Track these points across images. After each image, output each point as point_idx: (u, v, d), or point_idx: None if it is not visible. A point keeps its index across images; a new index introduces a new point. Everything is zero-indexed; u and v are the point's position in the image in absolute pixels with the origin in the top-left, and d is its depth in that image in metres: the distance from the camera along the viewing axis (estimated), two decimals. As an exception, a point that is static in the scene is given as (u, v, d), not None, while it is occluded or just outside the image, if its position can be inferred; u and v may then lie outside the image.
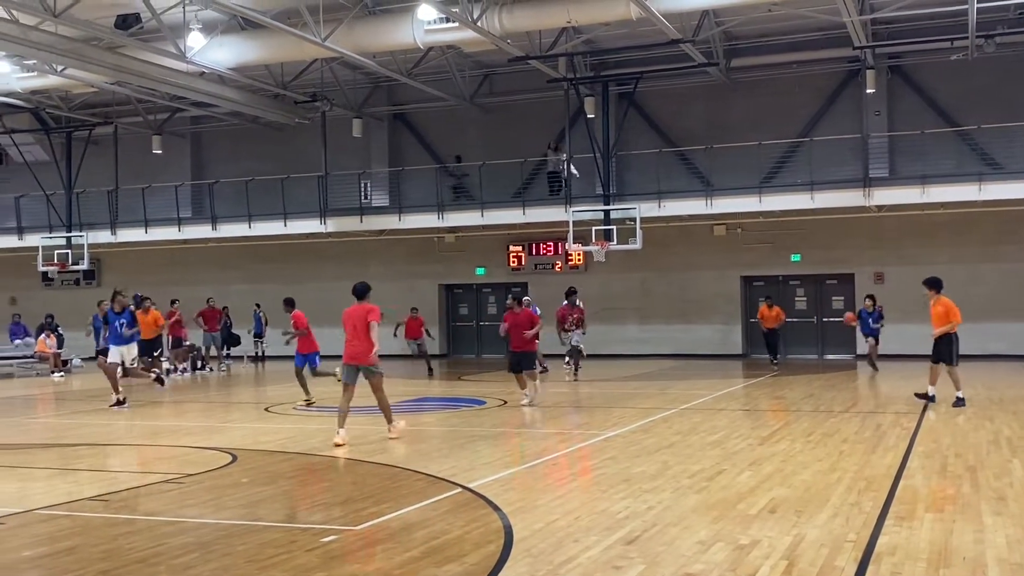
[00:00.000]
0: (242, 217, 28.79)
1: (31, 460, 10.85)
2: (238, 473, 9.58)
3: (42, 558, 6.44)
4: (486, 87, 28.37)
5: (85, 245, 29.24)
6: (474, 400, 16.03)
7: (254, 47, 22.52)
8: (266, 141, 30.60)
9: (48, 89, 26.38)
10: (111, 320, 16.15)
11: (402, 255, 29.56)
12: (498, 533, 6.63)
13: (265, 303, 28.36)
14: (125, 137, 30.60)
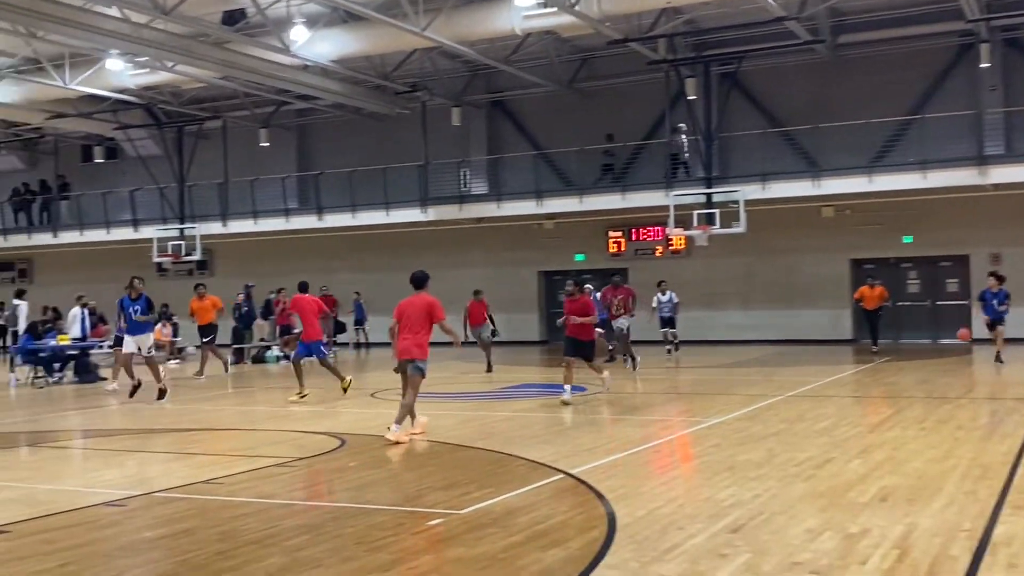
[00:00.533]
0: (346, 207, 29.36)
1: (150, 444, 11.28)
2: (346, 457, 9.79)
3: (162, 538, 6.69)
4: (584, 71, 28.23)
5: (197, 236, 30.19)
6: (575, 387, 16.00)
7: (356, 39, 22.87)
8: (368, 132, 31.06)
9: (159, 85, 27.28)
10: (126, 307, 15.64)
11: (501, 242, 29.69)
12: (601, 519, 6.63)
13: (367, 291, 28.91)
14: (233, 131, 31.47)
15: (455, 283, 29.02)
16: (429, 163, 28.77)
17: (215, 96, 29.88)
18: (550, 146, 28.84)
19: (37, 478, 9.14)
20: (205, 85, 27.47)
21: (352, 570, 5.61)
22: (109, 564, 6.01)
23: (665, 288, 22.93)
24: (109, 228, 32.68)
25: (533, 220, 28.84)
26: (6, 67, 25.69)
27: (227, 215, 31.01)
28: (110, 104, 29.09)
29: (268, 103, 29.93)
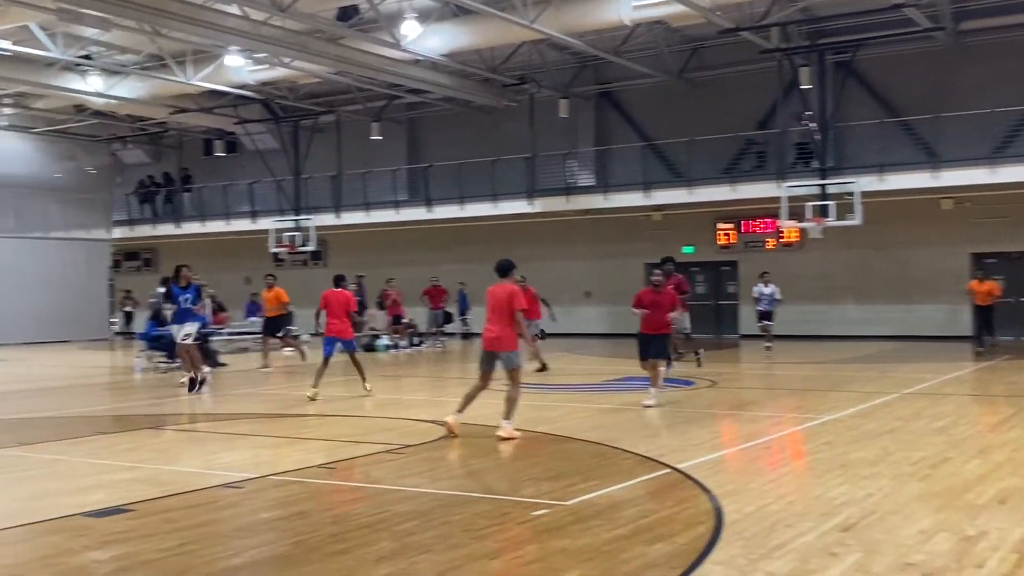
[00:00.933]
0: (454, 199, 29.70)
1: (265, 429, 11.64)
2: (454, 445, 9.94)
3: (277, 520, 6.92)
4: (695, 61, 27.88)
5: (312, 227, 30.97)
6: (682, 380, 15.88)
7: (465, 32, 23.08)
8: (476, 124, 31.31)
9: (277, 81, 28.04)
10: (175, 296, 15.39)
11: (608, 234, 29.58)
12: (708, 515, 6.58)
13: (473, 283, 29.16)
14: (346, 124, 32.14)
15: (561, 275, 29.15)
16: (536, 155, 28.86)
17: (329, 91, 30.55)
18: (658, 137, 28.59)
19: (160, 459, 9.55)
20: (320, 80, 28.11)
21: (459, 557, 5.71)
22: (227, 544, 6.25)
23: (768, 280, 21.96)
24: (229, 219, 33.81)
25: (640, 212, 28.65)
26: (133, 64, 26.78)
27: (340, 207, 31.73)
28: (230, 99, 30.03)
29: (380, 97, 30.44)
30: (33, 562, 5.89)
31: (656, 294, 12.74)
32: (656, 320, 12.67)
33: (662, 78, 27.42)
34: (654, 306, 12.68)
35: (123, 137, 36.63)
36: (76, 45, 24.58)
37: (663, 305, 12.73)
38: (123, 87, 27.66)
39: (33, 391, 15.87)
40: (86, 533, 6.51)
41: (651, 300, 12.70)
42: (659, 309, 12.68)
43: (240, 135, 34.04)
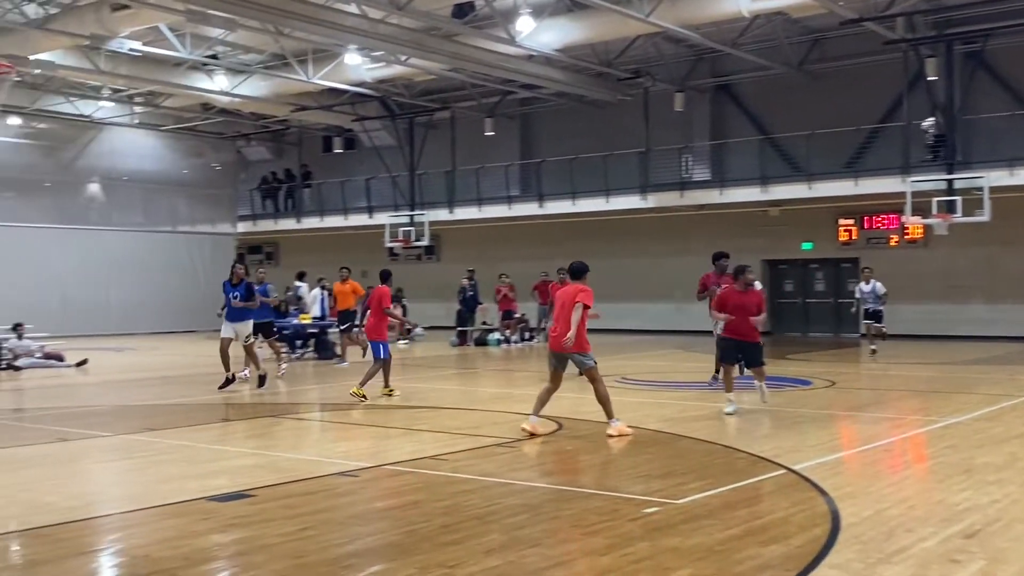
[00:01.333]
0: (566, 194, 29.68)
1: (381, 420, 11.87)
2: (564, 441, 9.95)
3: (391, 509, 7.06)
4: (815, 53, 27.18)
5: (426, 223, 31.42)
6: (799, 380, 15.54)
7: (580, 27, 23.03)
8: (589, 119, 31.21)
9: (393, 78, 28.51)
10: (226, 292, 14.94)
11: (724, 230, 29.06)
12: (824, 517, 6.43)
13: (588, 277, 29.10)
14: (460, 120, 32.47)
15: (676, 271, 28.79)
16: (650, 149, 28.61)
17: (444, 87, 30.91)
18: (777, 130, 27.98)
19: (280, 447, 9.83)
20: (435, 77, 28.47)
21: (568, 552, 5.72)
22: (344, 531, 6.40)
23: (869, 276, 20.56)
24: (347, 214, 34.54)
25: (758, 207, 28.10)
26: (256, 63, 27.62)
27: (453, 202, 32.08)
28: (348, 97, 30.69)
29: (493, 93, 30.64)
30: (159, 543, 6.14)
31: (742, 295, 11.41)
32: (743, 326, 11.36)
33: (781, 70, 26.83)
34: (739, 310, 11.31)
35: (247, 134, 37.85)
36: (203, 45, 25.50)
37: (749, 308, 11.34)
38: (247, 86, 28.55)
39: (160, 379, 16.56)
40: (209, 517, 6.75)
41: (736, 302, 11.38)
42: (744, 313, 11.30)
43: (358, 132, 34.74)
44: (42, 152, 32.79)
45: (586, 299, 9.80)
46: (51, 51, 23.66)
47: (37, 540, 6.33)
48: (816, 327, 28.45)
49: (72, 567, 5.73)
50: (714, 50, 26.15)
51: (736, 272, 11.72)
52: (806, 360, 20.02)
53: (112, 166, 34.35)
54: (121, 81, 27.81)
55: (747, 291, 11.45)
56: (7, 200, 31.55)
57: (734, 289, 11.58)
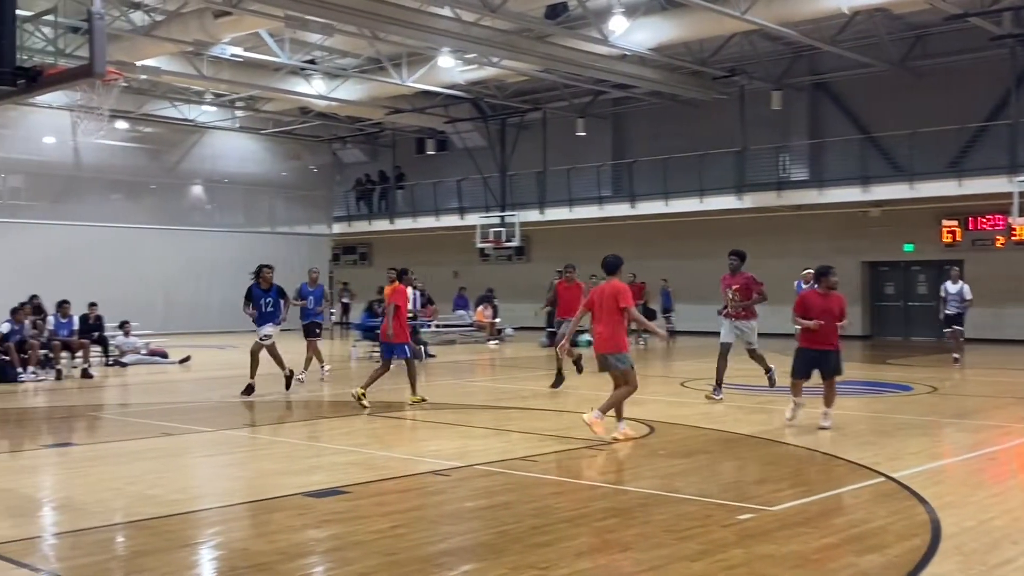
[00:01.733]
0: (659, 195, 29.43)
1: (471, 419, 11.95)
2: (656, 444, 9.87)
3: (482, 509, 7.10)
4: (918, 49, 26.41)
5: (516, 223, 31.53)
6: (900, 385, 15.12)
7: (674, 25, 22.81)
8: (683, 118, 30.91)
9: (486, 80, 28.68)
10: (255, 297, 14.28)
11: (822, 231, 28.49)
12: (924, 527, 6.25)
13: (680, 280, 28.85)
14: (552, 121, 32.48)
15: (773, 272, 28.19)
16: (746, 149, 28.19)
17: (536, 88, 30.97)
18: (877, 129, 27.29)
19: (374, 445, 9.98)
20: (527, 78, 28.54)
21: (660, 557, 5.67)
22: (435, 529, 6.46)
23: (957, 276, 18.80)
24: (438, 215, 34.89)
25: (858, 207, 27.44)
26: (352, 67, 28.10)
27: (544, 203, 32.10)
28: (441, 99, 30.98)
29: (585, 93, 30.58)
30: (257, 537, 6.30)
31: (824, 298, 10.35)
32: (828, 332, 10.31)
33: (882, 67, 26.15)
34: (825, 314, 10.28)
35: (343, 137, 38.56)
36: (301, 50, 26.06)
37: (833, 312, 10.33)
38: (343, 90, 29.07)
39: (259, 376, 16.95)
40: (306, 512, 6.90)
41: (820, 307, 10.31)
42: (830, 317, 10.31)
43: (450, 133, 35.06)
44: (148, 155, 33.92)
45: (627, 300, 9.59)
46: (156, 57, 24.47)
47: (142, 531, 6.55)
48: (918, 331, 27.64)
49: (175, 559, 5.91)
50: (812, 47, 25.64)
51: (819, 274, 10.64)
52: (907, 365, 19.48)
53: (214, 168, 35.35)
54: (223, 86, 28.60)
55: (829, 295, 10.37)
56: (115, 202, 32.73)
57: (816, 292, 10.48)
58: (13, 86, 9.49)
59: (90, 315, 19.54)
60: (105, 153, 31.74)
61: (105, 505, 7.28)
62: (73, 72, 9.53)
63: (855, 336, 27.76)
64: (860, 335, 27.90)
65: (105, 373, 18.83)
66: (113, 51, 22.76)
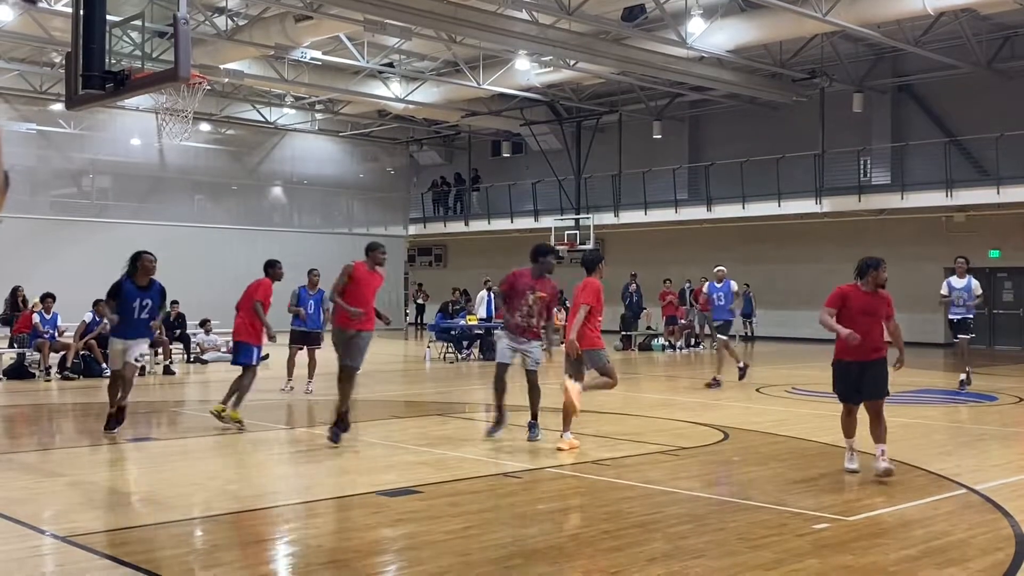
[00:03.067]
0: (736, 198, 29.08)
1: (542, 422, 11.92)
2: (730, 451, 9.76)
3: (553, 512, 7.10)
4: (1007, 51, 25.66)
5: (591, 226, 31.41)
6: (984, 395, 14.70)
7: (753, 27, 22.52)
8: (761, 121, 30.51)
9: (561, 83, 28.67)
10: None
11: (904, 236, 27.83)
12: (1008, 540, 6.07)
13: (757, 284, 28.47)
14: (628, 124, 32.32)
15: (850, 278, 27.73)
16: (826, 152, 27.69)
17: (612, 91, 30.86)
18: (963, 132, 26.59)
19: (446, 445, 10.04)
20: (603, 81, 28.45)
21: (733, 565, 5.60)
22: (507, 531, 6.48)
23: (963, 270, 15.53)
24: (513, 218, 34.96)
25: (942, 212, 26.76)
26: (429, 71, 28.34)
27: (619, 206, 31.96)
28: (517, 102, 31.06)
29: (662, 96, 30.37)
30: (332, 534, 6.39)
31: (871, 296, 8.31)
32: (873, 337, 8.22)
33: (968, 69, 25.46)
34: (866, 316, 8.23)
35: (419, 139, 38.90)
36: (379, 54, 26.36)
37: (879, 314, 8.34)
38: (420, 92, 29.32)
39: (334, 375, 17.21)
40: (380, 511, 6.97)
41: (861, 306, 8.26)
42: (872, 321, 8.27)
43: (525, 136, 35.11)
44: (229, 157, 34.64)
45: (587, 299, 9.49)
46: (239, 61, 24.99)
47: (220, 526, 6.70)
48: (1003, 339, 26.87)
49: (251, 553, 6.03)
50: (895, 49, 25.09)
51: (866, 267, 8.42)
52: (992, 374, 18.94)
53: (293, 170, 35.95)
54: (303, 89, 29.07)
55: (878, 293, 8.34)
56: (198, 202, 33.50)
57: (858, 289, 8.36)
58: (102, 90, 9.78)
59: (172, 313, 20.03)
60: (188, 155, 32.52)
61: (185, 499, 7.46)
62: (159, 76, 9.78)
63: (936, 343, 27.11)
64: (942, 343, 27.21)
65: (186, 370, 19.28)
66: (197, 55, 23.32)
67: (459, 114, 32.14)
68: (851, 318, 8.16)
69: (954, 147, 26.27)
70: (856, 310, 8.23)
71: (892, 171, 27.69)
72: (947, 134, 26.99)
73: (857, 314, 8.20)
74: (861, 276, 8.43)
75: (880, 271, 8.40)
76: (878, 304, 8.33)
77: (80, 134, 30.94)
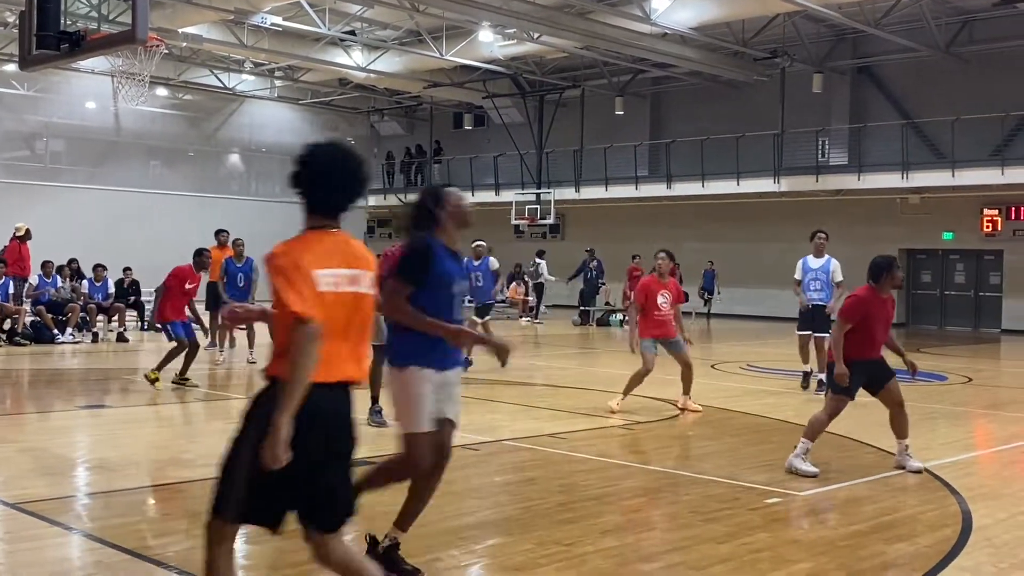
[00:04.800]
0: (696, 176, 29.21)
1: (499, 395, 11.97)
2: (684, 426, 9.85)
3: (509, 484, 7.13)
4: (965, 35, 25.94)
5: (552, 201, 31.41)
6: (934, 375, 14.97)
7: (717, 5, 22.56)
8: (722, 100, 30.61)
9: (525, 55, 28.56)
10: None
11: (860, 217, 28.14)
12: (955, 518, 6.20)
13: (716, 261, 28.68)
14: (590, 99, 32.29)
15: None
16: (785, 132, 27.88)
17: (575, 65, 30.78)
18: (920, 115, 26.90)
19: (403, 417, 10.01)
20: (567, 55, 28.37)
21: (686, 538, 5.67)
22: (463, 503, 6.49)
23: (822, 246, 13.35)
24: (474, 191, 34.82)
25: (897, 194, 27.10)
26: (392, 39, 28.07)
27: (580, 181, 31.97)
28: (480, 74, 30.88)
29: (625, 72, 30.36)
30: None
31: (889, 301, 7.55)
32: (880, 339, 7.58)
33: (927, 52, 25.71)
34: (884, 324, 7.55)
35: (380, 109, 38.57)
36: (341, 21, 26.04)
37: (890, 318, 7.64)
38: (382, 62, 29.05)
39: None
40: (334, 481, 6.94)
41: (882, 314, 7.49)
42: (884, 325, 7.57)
43: (488, 109, 34.95)
44: (186, 122, 34.14)
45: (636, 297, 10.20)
46: (198, 25, 24.56)
47: (175, 494, 6.65)
48: (954, 320, 27.35)
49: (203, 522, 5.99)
50: (856, 30, 25.28)
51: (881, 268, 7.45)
52: (942, 354, 19.28)
53: (251, 138, 35.52)
54: (262, 55, 28.67)
55: (888, 297, 7.54)
56: (154, 168, 33.01)
57: (876, 295, 7.41)
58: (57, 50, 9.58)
59: (125, 279, 19.76)
60: (145, 119, 32.00)
61: (138, 468, 7.39)
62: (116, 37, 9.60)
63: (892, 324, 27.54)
64: (895, 323, 27.65)
65: (141, 337, 19.05)
66: (155, 18, 22.85)
67: (421, 85, 31.90)
68: (870, 329, 7.32)
69: (911, 130, 26.57)
70: (875, 318, 7.37)
71: (850, 152, 27.95)
72: (904, 116, 27.29)
73: (876, 323, 7.38)
74: (876, 279, 7.42)
75: (896, 271, 7.49)
76: (892, 309, 7.59)
77: (34, 96, 30.32)
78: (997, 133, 25.02)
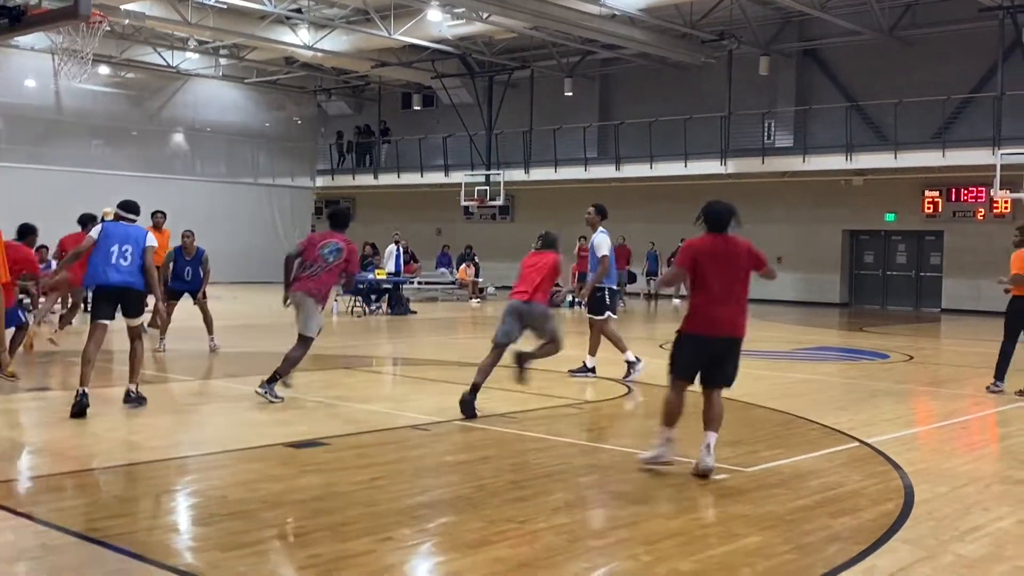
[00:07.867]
0: (644, 157, 29.37)
1: (452, 375, 11.96)
2: (634, 405, 9.95)
3: (461, 463, 7.15)
4: (908, 18, 26.36)
5: (501, 182, 31.43)
6: (877, 353, 15.27)
7: (665, -13, 22.69)
8: (670, 82, 30.79)
9: (474, 35, 28.45)
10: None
11: (805, 198, 28.57)
12: (898, 492, 6.35)
13: (662, 244, 28.91)
14: (540, 80, 32.30)
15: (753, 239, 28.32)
16: (732, 114, 28.13)
17: (524, 46, 30.74)
18: (864, 98, 27.31)
19: (354, 398, 10.00)
20: (516, 35, 28.32)
21: (635, 514, 5.74)
22: (414, 482, 6.51)
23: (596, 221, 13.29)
24: (423, 172, 34.71)
25: (841, 176, 27.52)
26: (339, 18, 27.78)
27: (529, 163, 31.98)
28: (428, 54, 30.72)
29: (574, 53, 30.39)
30: (238, 485, 6.32)
31: None
32: None
33: (871, 36, 26.09)
34: None
35: (327, 89, 38.19)
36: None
37: None
38: (329, 40, 28.76)
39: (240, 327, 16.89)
40: (287, 462, 6.93)
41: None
42: None
43: (436, 89, 34.78)
44: (129, 101, 33.50)
45: None
46: (140, 1, 24.10)
47: (122, 477, 6.57)
48: (896, 300, 27.92)
49: (152, 504, 5.93)
50: (802, 13, 25.56)
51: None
52: (884, 333, 19.67)
53: (196, 117, 34.96)
54: (207, 33, 28.23)
55: None
56: (96, 147, 32.35)
57: None
58: (-5, 26, 9.34)
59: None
60: (86, 98, 31.35)
61: (84, 450, 7.29)
62: (57, 13, 9.39)
63: (833, 304, 28.01)
64: (838, 303, 28.13)
65: (84, 320, 18.70)
66: (96, -6, 22.42)
67: (369, 64, 31.64)
68: None
69: (855, 112, 26.97)
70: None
71: (795, 134, 28.31)
72: (849, 99, 27.68)
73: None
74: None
75: None
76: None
77: (-30, 73, 29.54)
78: (939, 116, 25.50)
